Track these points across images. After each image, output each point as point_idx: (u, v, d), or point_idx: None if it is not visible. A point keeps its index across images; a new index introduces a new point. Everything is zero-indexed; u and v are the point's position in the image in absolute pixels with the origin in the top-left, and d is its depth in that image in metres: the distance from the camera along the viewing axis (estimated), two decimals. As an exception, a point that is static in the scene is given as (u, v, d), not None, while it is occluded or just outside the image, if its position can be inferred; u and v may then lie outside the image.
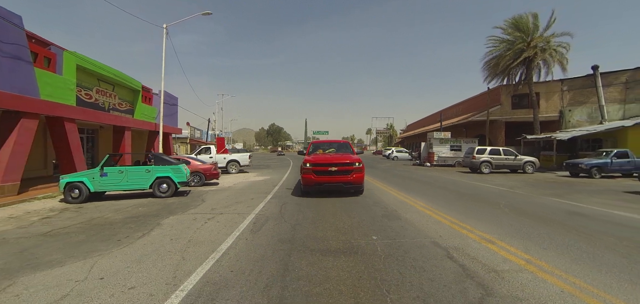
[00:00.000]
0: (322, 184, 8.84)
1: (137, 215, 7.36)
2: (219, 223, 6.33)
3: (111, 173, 9.72)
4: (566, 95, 25.22)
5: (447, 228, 5.78)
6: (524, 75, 25.07)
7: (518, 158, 19.58)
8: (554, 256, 4.27)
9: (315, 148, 11.44)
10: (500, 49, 25.32)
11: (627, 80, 22.88)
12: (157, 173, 10.13)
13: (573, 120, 24.70)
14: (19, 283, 3.61)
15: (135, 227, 6.17)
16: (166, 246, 4.89)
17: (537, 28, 24.03)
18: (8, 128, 9.76)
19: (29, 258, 4.49)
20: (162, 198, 9.91)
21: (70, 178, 9.35)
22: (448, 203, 8.53)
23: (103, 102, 16.23)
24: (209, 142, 40.06)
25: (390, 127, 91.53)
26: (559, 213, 7.28)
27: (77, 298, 3.21)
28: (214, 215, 7.21)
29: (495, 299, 3.03)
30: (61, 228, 6.23)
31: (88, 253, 4.62)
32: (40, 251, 4.80)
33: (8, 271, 3.96)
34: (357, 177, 8.88)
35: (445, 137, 27.15)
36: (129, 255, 4.50)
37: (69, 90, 12.80)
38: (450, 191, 11.04)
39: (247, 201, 9.06)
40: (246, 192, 11.03)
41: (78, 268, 4.02)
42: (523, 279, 3.47)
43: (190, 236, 5.45)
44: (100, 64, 15.33)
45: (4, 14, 9.55)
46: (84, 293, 3.31)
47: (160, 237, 5.42)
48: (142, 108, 19.75)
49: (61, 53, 12.75)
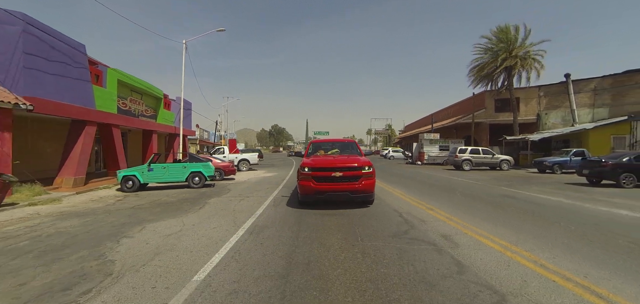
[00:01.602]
0: (323, 193, 7.27)
1: (186, 198, 10.00)
2: (249, 201, 8.98)
3: (156, 168, 12.37)
4: (543, 100, 27.84)
5: (408, 203, 8.41)
6: (505, 81, 27.68)
7: (495, 157, 22.21)
8: (467, 216, 6.89)
9: (316, 149, 9.63)
10: (485, 58, 27.96)
11: (595, 87, 25.48)
12: (191, 168, 12.78)
13: (549, 123, 27.30)
14: (147, 227, 6.23)
15: (191, 204, 8.81)
16: (220, 212, 7.53)
17: (517, 39, 26.65)
18: (76, 133, 12.41)
19: (139, 218, 7.11)
20: (195, 188, 12.53)
21: (126, 172, 11.99)
22: (420, 191, 11.16)
23: (134, 109, 18.89)
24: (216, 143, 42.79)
25: (389, 127, 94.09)
26: (497, 196, 9.90)
27: (187, 231, 5.83)
28: (242, 198, 9.85)
29: (414, 230, 5.66)
30: (139, 205, 8.86)
31: (174, 215, 7.25)
32: (141, 215, 7.43)
33: (134, 224, 6.59)
34: (366, 184, 7.28)
35: (434, 138, 29.78)
36: (200, 216, 7.14)
37: (112, 100, 15.48)
38: (426, 183, 13.67)
39: (264, 190, 11.69)
40: (261, 184, 13.66)
41: (174, 222, 6.65)
42: (435, 224, 6.09)
43: (232, 207, 8.10)
44: (133, 77, 18.00)
45: (75, 44, 12.21)
46: (188, 230, 5.94)
47: (213, 208, 8.06)
48: (163, 113, 22.43)
49: (105, 70, 15.41)
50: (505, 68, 26.58)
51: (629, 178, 11.58)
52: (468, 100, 32.15)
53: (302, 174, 7.54)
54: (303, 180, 7.48)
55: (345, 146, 9.82)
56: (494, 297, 3.10)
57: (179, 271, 3.88)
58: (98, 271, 3.93)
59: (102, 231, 5.92)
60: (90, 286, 3.49)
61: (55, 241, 5.33)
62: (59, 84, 11.33)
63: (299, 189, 7.68)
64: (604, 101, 25.08)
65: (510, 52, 26.23)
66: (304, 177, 7.48)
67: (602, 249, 4.61)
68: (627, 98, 23.98)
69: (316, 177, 7.35)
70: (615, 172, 11.75)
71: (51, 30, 11.06)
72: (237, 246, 4.83)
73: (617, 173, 11.71)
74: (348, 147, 9.77)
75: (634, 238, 5.14)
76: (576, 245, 4.79)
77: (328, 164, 7.55)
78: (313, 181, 7.32)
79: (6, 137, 9.10)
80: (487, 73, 27.59)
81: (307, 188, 7.36)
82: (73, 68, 12.15)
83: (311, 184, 7.31)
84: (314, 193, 7.31)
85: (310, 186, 7.32)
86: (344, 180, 7.30)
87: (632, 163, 11.76)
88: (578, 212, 7.34)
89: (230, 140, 26.04)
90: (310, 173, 7.39)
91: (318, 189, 7.25)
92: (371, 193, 7.59)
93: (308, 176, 7.40)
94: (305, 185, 7.41)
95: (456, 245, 4.76)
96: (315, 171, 7.39)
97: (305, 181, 7.43)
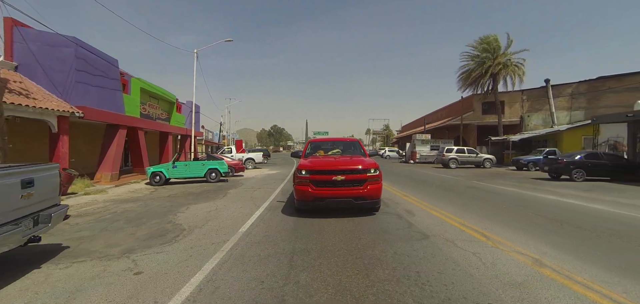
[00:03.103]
0: (323, 199, 6.42)
1: (209, 190, 12.11)
2: (262, 191, 11.11)
3: (179, 166, 14.48)
4: (526, 103, 30.04)
5: (390, 192, 10.54)
6: (491, 86, 29.85)
7: (479, 155, 24.38)
8: (431, 199, 9.03)
9: (315, 149, 8.76)
10: (472, 65, 30.12)
11: (572, 91, 27.69)
12: (209, 165, 14.90)
13: (531, 124, 29.49)
14: (190, 207, 8.35)
15: (215, 194, 10.92)
16: (241, 198, 9.66)
17: (500, 47, 28.82)
18: (111, 135, 14.52)
19: (179, 202, 9.23)
20: (212, 183, 14.63)
21: (155, 169, 14.10)
22: (403, 184, 13.29)
23: (152, 113, 20.99)
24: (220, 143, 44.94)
25: (387, 128, 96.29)
26: (463, 187, 12.03)
27: (222, 209, 7.95)
28: (255, 189, 11.97)
29: (388, 207, 7.78)
30: (173, 195, 10.97)
31: (205, 200, 9.37)
32: (179, 201, 9.55)
33: (179, 205, 8.70)
34: (372, 189, 6.49)
35: (425, 138, 31.95)
36: (226, 201, 9.26)
37: (136, 106, 17.59)
38: (410, 178, 15.82)
39: (272, 183, 13.81)
40: (268, 180, 15.78)
41: (208, 204, 8.76)
42: (405, 204, 8.22)
43: (250, 195, 10.23)
44: (152, 85, 20.11)
45: (110, 59, 14.34)
46: (222, 209, 8.05)
47: (235, 196, 10.19)
48: (175, 116, 24.55)
49: (130, 79, 17.52)
50: (490, 75, 28.75)
51: (579, 173, 13.73)
52: (457, 103, 34.32)
53: (299, 178, 6.58)
54: (299, 185, 6.56)
55: (348, 146, 8.87)
56: (422, 236, 5.24)
57: (227, 228, 6.01)
58: (174, 228, 6.06)
59: (158, 210, 8.05)
60: (175, 235, 5.61)
61: (130, 215, 7.46)
62: (98, 94, 13.45)
63: (295, 194, 6.82)
64: (580, 104, 27.28)
65: (495, 60, 28.39)
66: (300, 181, 6.55)
67: (514, 218, 6.76)
68: (600, 102, 26.17)
69: (315, 181, 6.45)
70: (568, 168, 13.90)
71: (94, 49, 13.18)
72: (261, 216, 6.97)
73: (570, 168, 13.86)
74: (351, 146, 8.82)
75: (541, 212, 7.29)
76: (497, 216, 6.93)
77: (328, 166, 6.68)
78: (311, 186, 6.42)
79: (65, 139, 11.21)
80: (474, 79, 29.75)
81: (304, 193, 6.48)
82: (109, 80, 14.27)
83: (309, 189, 6.41)
84: (313, 200, 6.44)
85: (307, 191, 6.42)
86: (346, 185, 6.43)
87: (583, 161, 13.92)
88: (516, 197, 9.49)
89: (237, 140, 28.25)
90: (308, 176, 6.49)
91: (317, 195, 6.39)
92: (377, 200, 6.72)
93: (305, 180, 6.49)
94: (302, 190, 6.50)
95: (413, 215, 6.91)
96: (313, 175, 6.52)
97: (302, 186, 6.51)
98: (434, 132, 38.21)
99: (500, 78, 28.79)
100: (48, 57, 11.57)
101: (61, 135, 11.10)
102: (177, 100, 25.54)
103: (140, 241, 5.23)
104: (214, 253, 4.52)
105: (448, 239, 5.08)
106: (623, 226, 5.94)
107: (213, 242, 5.08)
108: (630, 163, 14.37)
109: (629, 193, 10.29)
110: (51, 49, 11.54)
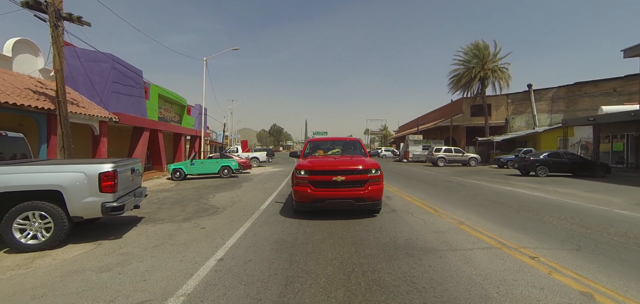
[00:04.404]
0: (322, 201, 6.34)
1: (225, 183, 14.24)
2: (270, 184, 13.25)
3: (196, 163, 16.62)
4: (510, 106, 32.24)
5: (376, 184, 12.70)
6: (479, 89, 32.01)
7: (464, 155, 26.58)
8: (409, 190, 11.19)
9: (314, 149, 8.61)
10: (462, 70, 32.28)
11: (552, 96, 29.91)
12: (222, 163, 17.04)
13: (515, 126, 31.69)
14: (216, 195, 10.49)
15: (231, 186, 13.05)
16: (255, 189, 11.79)
17: (489, 54, 30.97)
18: (137, 137, 16.65)
19: (205, 192, 11.37)
20: (224, 178, 16.76)
21: (175, 166, 16.24)
22: (391, 179, 15.43)
23: (166, 117, 23.13)
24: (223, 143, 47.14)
25: (384, 128, 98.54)
26: (441, 181, 14.19)
27: (242, 196, 10.10)
28: (264, 183, 14.10)
29: (372, 194, 9.95)
30: (196, 187, 13.09)
31: (226, 190, 11.51)
32: (204, 191, 11.67)
33: (206, 193, 10.83)
34: (373, 190, 6.40)
35: (418, 138, 34.15)
36: (243, 190, 11.39)
37: (155, 110, 19.72)
38: (398, 174, 17.98)
39: (277, 179, 15.95)
40: (273, 176, 17.92)
41: (230, 193, 10.90)
42: (385, 192, 10.39)
43: (261, 187, 12.37)
44: (168, 90, 22.25)
45: (136, 70, 16.47)
46: (242, 196, 10.19)
47: (248, 187, 12.33)
48: (186, 118, 26.68)
49: (149, 86, 19.64)
50: (479, 79, 30.92)
51: (542, 169, 15.91)
52: (448, 106, 36.49)
53: (298, 178, 6.51)
54: (298, 185, 6.48)
55: (348, 145, 8.79)
56: (391, 210, 7.38)
57: (251, 206, 8.15)
58: (211, 207, 8.20)
59: (191, 197, 10.18)
60: (214, 211, 7.75)
61: (171, 200, 9.60)
62: (128, 101, 15.58)
63: (294, 195, 6.71)
64: (560, 107, 29.51)
65: (483, 66, 30.56)
66: (299, 182, 6.48)
67: (464, 201, 8.92)
68: (578, 105, 28.38)
69: (314, 182, 6.38)
70: (534, 165, 16.08)
71: (125, 62, 15.31)
72: (274, 200, 9.12)
73: (535, 166, 16.04)
74: (351, 146, 8.74)
75: (489, 198, 9.45)
76: (453, 200, 9.08)
77: (328, 166, 6.61)
78: (310, 187, 6.35)
79: (105, 140, 13.32)
80: (464, 83, 31.90)
81: (303, 194, 6.38)
82: (135, 88, 16.40)
83: (308, 190, 6.34)
84: (312, 201, 6.35)
85: (306, 192, 6.34)
86: (346, 186, 6.35)
87: (546, 159, 16.10)
88: (478, 188, 11.65)
89: (242, 141, 30.48)
90: (307, 177, 6.42)
91: (316, 196, 6.31)
92: (378, 201, 6.60)
93: (304, 180, 6.42)
94: (300, 191, 6.43)
95: (390, 199, 9.06)
96: (312, 175, 6.44)
97: (300, 186, 6.44)
98: (427, 133, 40.41)
99: (488, 83, 30.96)
100: (89, 71, 13.68)
101: (102, 137, 13.21)
102: (187, 104, 27.69)
103: (192, 214, 7.37)
104: (246, 219, 6.67)
105: (408, 212, 7.25)
106: (541, 206, 8.10)
107: (244, 214, 7.24)
108: (585, 161, 16.58)
109: (572, 186, 12.46)
110: (92, 64, 13.66)
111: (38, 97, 10.45)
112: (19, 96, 9.58)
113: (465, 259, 4.15)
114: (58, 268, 4.03)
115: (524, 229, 5.74)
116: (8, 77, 10.62)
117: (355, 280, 3.51)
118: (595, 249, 4.61)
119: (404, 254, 4.34)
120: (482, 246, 4.70)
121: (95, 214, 5.00)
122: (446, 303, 2.99)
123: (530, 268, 3.84)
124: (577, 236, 5.26)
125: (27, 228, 4.68)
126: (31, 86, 11.07)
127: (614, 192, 10.53)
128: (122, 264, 4.12)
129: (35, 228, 4.70)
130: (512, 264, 3.94)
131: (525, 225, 6.04)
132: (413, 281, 3.47)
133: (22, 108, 9.34)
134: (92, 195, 4.87)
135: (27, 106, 9.45)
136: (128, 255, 4.49)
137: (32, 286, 3.48)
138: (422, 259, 4.14)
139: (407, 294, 3.17)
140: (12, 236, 4.57)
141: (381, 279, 3.54)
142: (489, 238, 5.17)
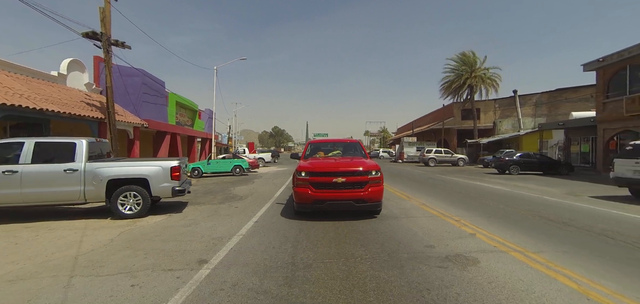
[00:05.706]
0: (323, 202, 6.43)
1: (239, 180, 16.57)
2: (278, 180, 15.60)
3: (212, 162, 18.98)
4: (498, 111, 34.57)
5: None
6: (469, 95, 34.31)
7: (453, 155, 28.91)
8: (396, 185, 13.52)
9: (315, 150, 8.74)
10: (452, 76, 34.59)
11: (536, 101, 32.22)
12: (234, 162, 19.40)
13: (502, 129, 34.00)
14: (236, 187, 12.84)
15: (245, 182, 15.38)
16: (266, 184, 14.13)
17: (477, 62, 33.28)
18: (160, 140, 19.02)
19: (226, 185, 13.70)
20: (237, 176, 19.09)
21: (194, 165, 18.59)
22: (380, 176, 17.77)
23: (181, 121, 25.52)
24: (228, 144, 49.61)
25: (384, 130, 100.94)
26: (425, 178, 16.51)
27: (257, 189, 12.44)
28: (273, 179, 16.44)
29: (362, 187, 12.29)
30: (216, 182, 15.42)
31: (243, 184, 13.85)
32: (224, 185, 14.02)
33: (227, 186, 13.17)
34: (373, 192, 6.49)
35: (412, 140, 36.51)
36: (256, 185, 13.73)
37: (173, 116, 22.11)
38: (390, 172, 20.29)
39: (283, 176, 18.28)
40: (279, 174, 20.26)
41: (246, 186, 13.24)
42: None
43: (271, 182, 14.72)
44: (183, 97, 24.66)
45: (160, 81, 18.86)
46: (257, 188, 12.53)
47: (261, 183, 14.66)
48: (198, 122, 29.09)
49: (167, 93, 22.03)
50: (468, 86, 33.23)
51: (515, 168, 18.21)
52: (440, 110, 38.84)
53: (298, 179, 6.64)
54: (299, 187, 6.60)
55: (348, 147, 8.97)
56: (374, 197, 9.71)
57: (266, 195, 10.49)
58: (236, 196, 10.54)
59: (216, 189, 12.52)
60: (239, 198, 10.08)
61: (201, 191, 11.94)
62: (154, 109, 17.95)
63: (295, 196, 6.81)
64: (542, 112, 31.82)
65: (472, 73, 32.87)
66: (300, 183, 6.60)
67: (441, 193, 11.24)
68: (559, 110, 30.67)
69: (314, 183, 6.49)
70: (507, 165, 18.40)
71: (152, 76, 17.69)
72: (283, 191, 11.46)
73: (508, 165, 18.35)
74: (351, 148, 8.89)
75: (461, 192, 11.77)
76: (430, 192, 11.40)
77: (328, 168, 6.74)
78: (311, 188, 6.45)
79: (137, 143, 15.67)
80: (455, 89, 34.22)
81: (304, 196, 6.49)
82: (159, 97, 18.78)
83: (308, 191, 6.44)
84: (312, 202, 6.46)
85: (307, 193, 6.45)
86: (347, 187, 6.45)
87: (518, 159, 18.41)
88: (456, 184, 13.96)
89: (249, 143, 32.87)
90: (308, 178, 6.54)
91: (316, 197, 6.41)
92: (379, 202, 6.74)
93: (305, 182, 6.53)
94: (301, 192, 6.54)
95: (375, 190, 11.39)
96: (313, 177, 6.55)
97: (301, 188, 6.56)
98: (421, 135, 42.74)
99: (476, 90, 33.26)
100: (123, 83, 16.05)
101: (135, 140, 15.56)
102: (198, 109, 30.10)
103: (223, 200, 9.72)
104: (265, 203, 9.01)
105: (387, 198, 9.59)
106: (491, 195, 10.41)
107: (263, 199, 9.59)
108: (552, 161, 18.91)
109: (532, 181, 14.76)
110: (126, 78, 16.02)
111: (90, 108, 12.82)
112: (78, 108, 11.95)
113: (413, 222, 6.49)
114: (156, 225, 6.37)
115: (465, 208, 8.07)
116: (66, 92, 13.00)
117: (342, 232, 5.85)
118: (506, 218, 6.93)
119: (376, 220, 6.68)
120: (427, 216, 7.06)
121: (167, 195, 7.35)
122: (395, 241, 5.32)
123: (457, 228, 6.13)
124: (498, 212, 7.59)
125: (126, 203, 7.03)
126: (82, 98, 13.43)
127: (560, 186, 12.85)
128: (194, 224, 6.47)
129: (131, 203, 7.05)
130: (443, 225, 6.27)
131: (468, 206, 8.38)
132: (376, 232, 5.80)
133: (80, 117, 11.70)
134: (166, 181, 7.22)
135: (85, 116, 11.82)
136: (193, 220, 6.83)
137: (148, 232, 5.83)
138: (384, 222, 6.47)
139: (372, 236, 5.51)
140: (117, 207, 6.92)
141: (357, 229, 5.88)
142: (436, 211, 7.52)
